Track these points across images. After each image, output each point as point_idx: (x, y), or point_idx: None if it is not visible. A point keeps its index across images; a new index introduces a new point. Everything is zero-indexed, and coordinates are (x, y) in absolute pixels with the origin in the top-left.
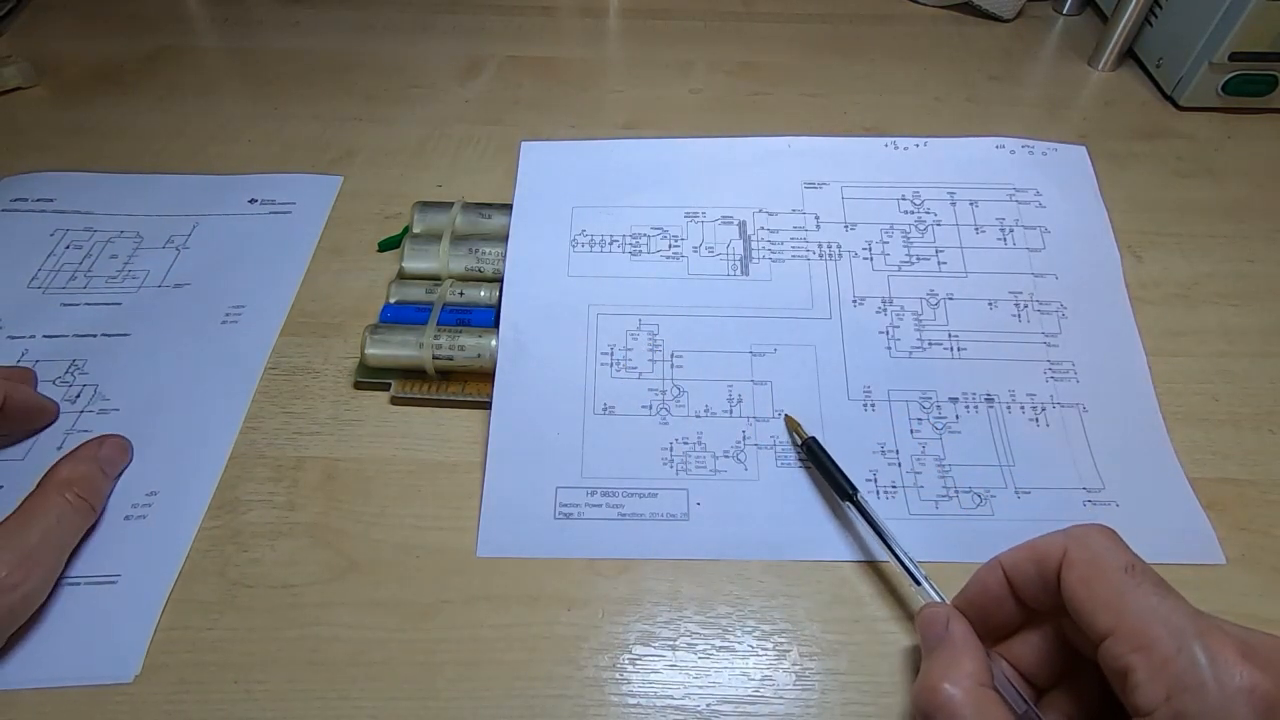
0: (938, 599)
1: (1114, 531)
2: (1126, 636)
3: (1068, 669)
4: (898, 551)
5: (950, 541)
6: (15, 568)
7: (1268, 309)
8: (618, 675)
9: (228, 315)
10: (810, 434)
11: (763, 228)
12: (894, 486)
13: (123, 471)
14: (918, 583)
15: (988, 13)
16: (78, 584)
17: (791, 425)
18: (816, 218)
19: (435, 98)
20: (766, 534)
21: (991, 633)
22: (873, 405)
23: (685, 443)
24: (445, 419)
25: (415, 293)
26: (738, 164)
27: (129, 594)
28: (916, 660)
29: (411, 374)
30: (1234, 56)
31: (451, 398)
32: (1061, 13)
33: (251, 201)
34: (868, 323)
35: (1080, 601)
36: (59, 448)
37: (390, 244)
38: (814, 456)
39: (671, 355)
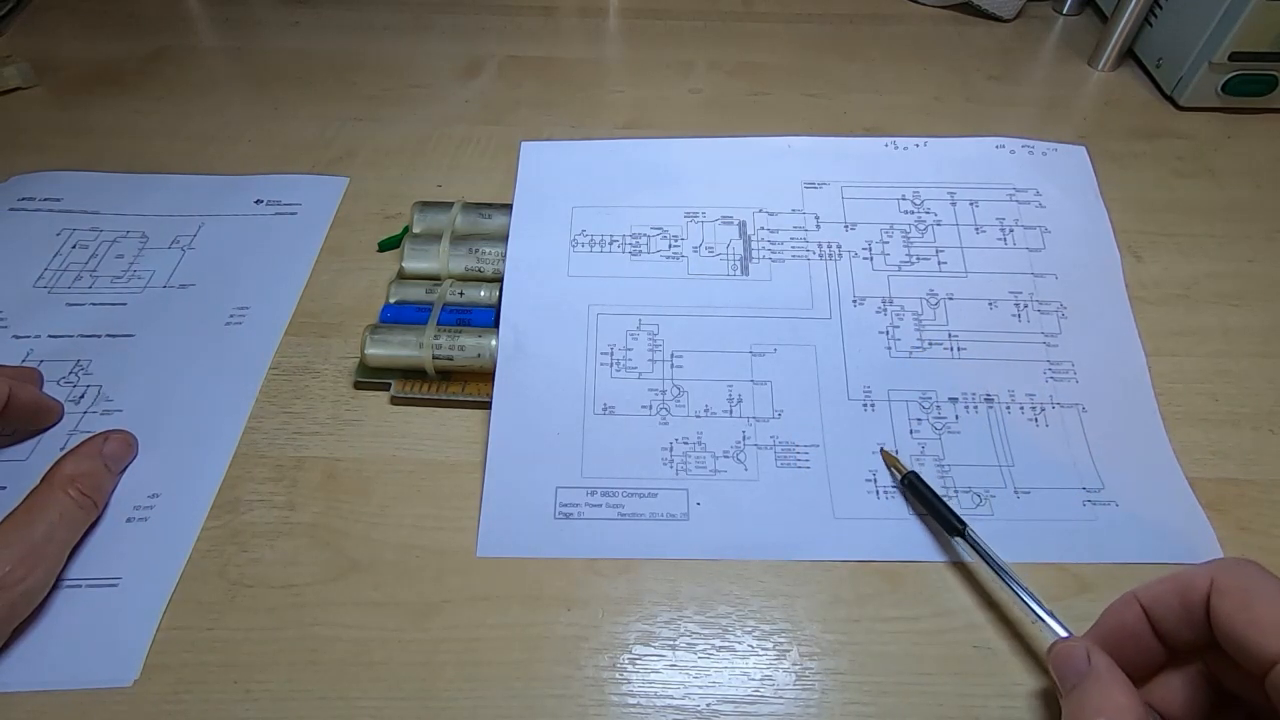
0: (1066, 635)
1: (1257, 562)
2: None
3: (1213, 711)
4: (1015, 587)
5: (950, 542)
6: (18, 564)
7: (1268, 309)
8: (618, 675)
9: (232, 316)
10: (909, 469)
11: (763, 228)
12: (894, 487)
13: (127, 467)
14: (1042, 619)
15: (988, 13)
16: (79, 586)
17: (889, 460)
18: (816, 218)
19: (435, 98)
20: (766, 534)
21: (1129, 674)
22: (873, 405)
23: (685, 443)
24: (445, 419)
25: (415, 293)
26: (737, 164)
27: (130, 597)
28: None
29: (411, 374)
30: (1234, 56)
31: (451, 398)
32: (1061, 13)
33: (257, 202)
34: (868, 323)
35: (1240, 627)
36: (62, 448)
37: (390, 244)
38: (916, 491)
39: (671, 355)
